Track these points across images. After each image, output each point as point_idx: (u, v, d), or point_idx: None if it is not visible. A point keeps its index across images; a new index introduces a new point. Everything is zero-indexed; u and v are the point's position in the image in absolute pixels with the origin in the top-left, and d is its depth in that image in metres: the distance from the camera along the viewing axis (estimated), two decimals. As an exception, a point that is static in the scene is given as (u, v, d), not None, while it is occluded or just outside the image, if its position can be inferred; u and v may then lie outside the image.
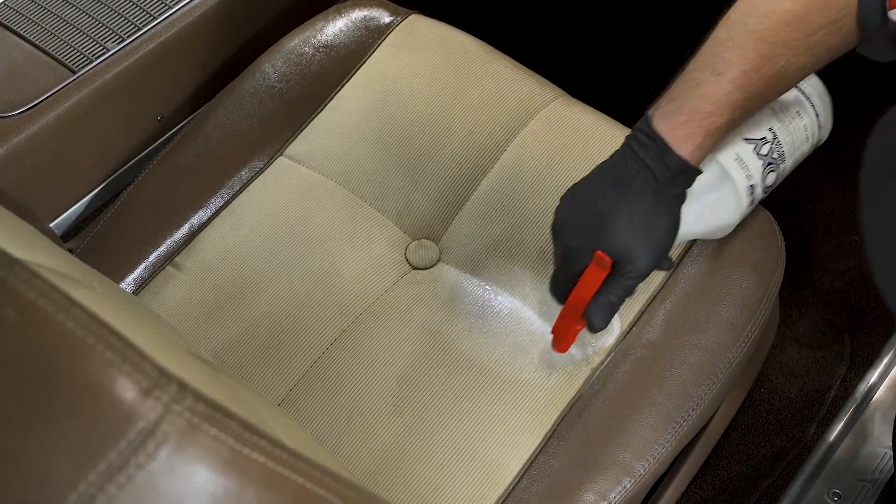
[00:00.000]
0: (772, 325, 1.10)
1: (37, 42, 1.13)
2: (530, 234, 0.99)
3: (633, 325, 0.94)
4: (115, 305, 0.52)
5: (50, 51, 1.12)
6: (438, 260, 1.00)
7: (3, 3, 1.16)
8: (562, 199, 0.82)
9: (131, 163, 1.19)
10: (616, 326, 0.94)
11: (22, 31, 1.13)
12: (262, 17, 1.26)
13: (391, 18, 1.16)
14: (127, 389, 0.37)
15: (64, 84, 1.09)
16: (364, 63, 1.13)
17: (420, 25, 1.15)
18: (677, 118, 0.76)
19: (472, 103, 1.08)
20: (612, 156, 0.80)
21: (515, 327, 0.94)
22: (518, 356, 0.92)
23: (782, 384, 1.31)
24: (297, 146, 1.08)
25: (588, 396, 0.91)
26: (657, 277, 0.96)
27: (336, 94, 1.12)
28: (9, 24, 1.14)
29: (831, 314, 1.38)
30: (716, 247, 0.98)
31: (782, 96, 0.88)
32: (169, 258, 1.03)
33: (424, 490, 0.87)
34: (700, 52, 0.78)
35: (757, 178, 0.86)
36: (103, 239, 1.05)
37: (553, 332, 0.87)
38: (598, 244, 0.78)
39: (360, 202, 1.03)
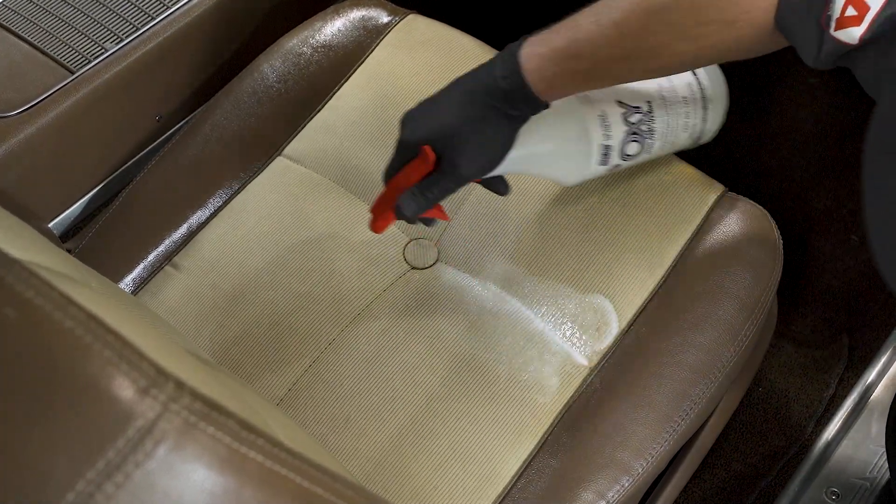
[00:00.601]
0: (770, 324, 1.10)
1: (35, 42, 1.13)
2: (528, 234, 0.99)
3: (631, 325, 0.94)
4: (114, 305, 0.52)
5: (48, 51, 1.12)
6: (437, 259, 1.00)
7: (1, 3, 1.16)
8: (422, 101, 0.86)
9: (130, 163, 1.19)
10: (614, 326, 0.94)
11: (20, 32, 1.13)
12: (260, 18, 1.26)
13: (389, 18, 1.16)
14: (125, 388, 0.38)
15: (62, 84, 1.09)
16: (362, 63, 1.13)
17: (418, 25, 1.16)
18: (540, 49, 0.78)
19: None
20: (480, 65, 0.83)
21: (513, 327, 0.94)
22: (516, 356, 0.92)
23: (780, 383, 1.31)
24: (296, 146, 1.08)
25: (586, 396, 0.91)
26: (655, 276, 0.96)
27: (334, 93, 1.12)
28: (7, 25, 1.14)
29: (829, 313, 1.38)
30: (713, 246, 0.98)
31: (676, 81, 0.90)
32: (167, 258, 1.03)
33: (423, 489, 0.87)
34: (594, 4, 0.78)
35: (615, 142, 0.88)
36: (102, 239, 1.05)
37: (371, 210, 0.88)
38: (428, 139, 0.81)
39: (359, 202, 1.03)
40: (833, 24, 0.65)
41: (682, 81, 0.91)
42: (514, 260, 0.98)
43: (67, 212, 1.15)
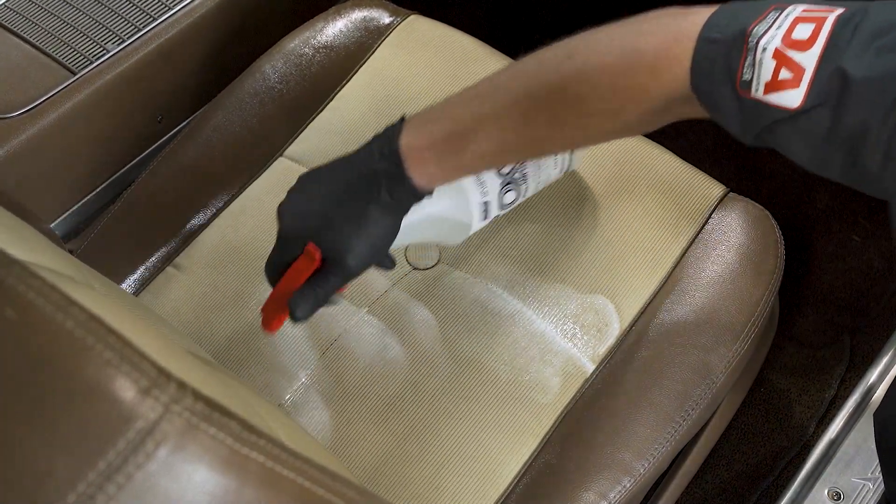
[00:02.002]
0: (771, 324, 1.10)
1: (37, 43, 1.13)
2: (531, 235, 0.99)
3: (633, 326, 0.94)
4: (115, 305, 0.52)
5: (50, 52, 1.12)
6: (438, 260, 1.00)
7: (3, 4, 1.16)
8: (299, 178, 0.83)
9: (131, 163, 1.19)
10: (615, 327, 0.94)
11: (22, 33, 1.14)
12: (261, 19, 1.26)
13: (391, 19, 1.17)
14: (126, 389, 0.38)
15: (64, 85, 1.09)
16: (364, 63, 1.13)
17: (420, 26, 1.16)
18: (420, 142, 0.76)
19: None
20: (358, 150, 0.80)
21: (515, 328, 0.94)
22: (518, 357, 0.92)
23: (782, 383, 1.31)
24: (297, 147, 1.08)
25: (588, 397, 0.91)
26: (657, 277, 0.96)
27: (336, 94, 1.12)
28: (9, 26, 1.14)
29: (831, 313, 1.38)
30: (715, 247, 0.98)
31: None
32: (169, 259, 1.03)
33: (424, 490, 0.87)
34: (476, 85, 0.76)
35: (493, 196, 0.88)
36: (104, 240, 1.05)
37: (261, 310, 0.85)
38: (313, 236, 0.78)
39: (360, 202, 1.03)
40: (761, 88, 0.63)
41: None
42: (515, 261, 0.98)
43: (69, 212, 1.15)
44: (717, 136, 0.95)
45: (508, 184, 0.88)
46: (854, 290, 1.39)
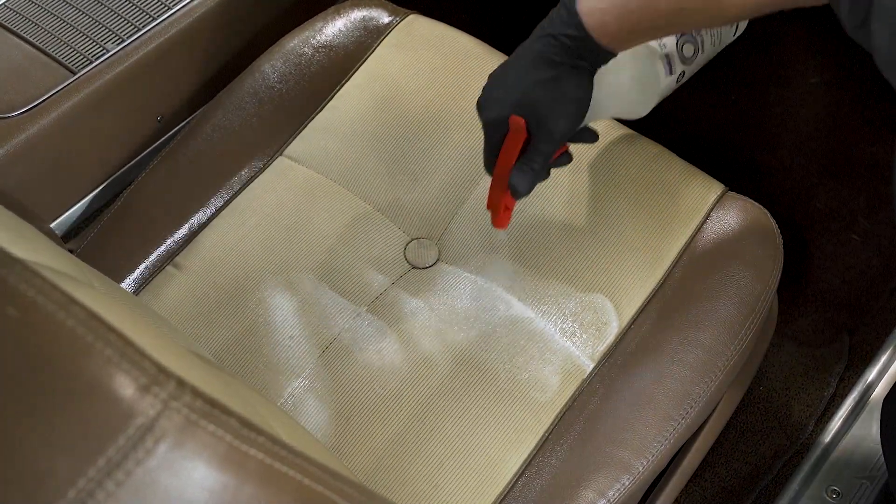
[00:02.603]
0: (770, 322, 1.10)
1: (37, 43, 1.13)
2: (529, 233, 0.99)
3: (632, 324, 0.95)
4: (115, 304, 0.52)
5: (50, 52, 1.12)
6: (438, 259, 1.00)
7: (2, 4, 1.16)
8: (489, 78, 0.86)
9: (131, 163, 1.19)
10: (614, 325, 0.94)
11: (22, 32, 1.14)
12: (261, 18, 1.26)
13: (390, 18, 1.17)
14: (126, 386, 0.38)
15: (64, 85, 1.09)
16: (363, 63, 1.14)
17: (419, 25, 1.16)
18: (600, 4, 0.77)
19: (471, 103, 1.07)
20: (533, 32, 0.83)
21: (514, 326, 0.94)
22: (517, 355, 0.93)
23: (781, 382, 1.31)
24: (297, 146, 1.09)
25: (587, 395, 0.91)
26: (656, 275, 0.96)
27: (335, 94, 1.12)
28: (9, 26, 1.14)
29: (830, 312, 1.38)
30: (714, 245, 0.98)
31: None
32: (169, 258, 1.03)
33: (424, 488, 0.87)
34: None
35: (671, 48, 0.88)
36: (104, 239, 1.05)
37: (488, 206, 0.89)
38: (512, 110, 0.82)
39: (360, 202, 1.03)
40: None
41: None
42: (514, 259, 0.98)
43: (69, 212, 1.15)
44: (717, 135, 0.95)
45: (683, 35, 0.89)
46: (853, 288, 1.40)
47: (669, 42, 0.88)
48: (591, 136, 0.91)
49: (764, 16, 0.77)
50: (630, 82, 0.89)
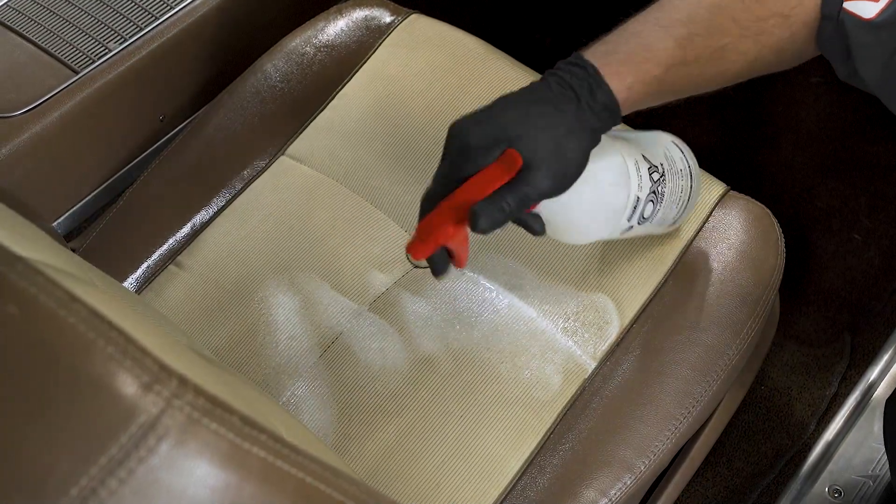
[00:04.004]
0: (772, 322, 1.10)
1: (39, 42, 1.13)
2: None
3: (633, 323, 0.95)
4: (117, 302, 0.52)
5: (52, 51, 1.12)
6: (439, 258, 1.00)
7: (5, 3, 1.17)
8: (465, 115, 0.74)
9: (133, 162, 1.19)
10: (616, 324, 0.94)
11: (24, 32, 1.14)
12: (263, 17, 1.27)
13: (392, 18, 1.17)
14: (128, 384, 0.38)
15: (66, 84, 1.09)
16: (365, 62, 1.14)
17: (421, 25, 1.16)
18: (611, 56, 0.73)
19: (473, 102, 1.08)
20: (529, 84, 0.75)
21: (516, 325, 0.94)
22: (518, 355, 0.93)
23: (783, 381, 1.31)
24: (299, 145, 1.09)
25: (588, 394, 0.91)
26: (658, 275, 0.96)
27: (337, 93, 1.12)
28: (11, 25, 1.14)
29: (832, 312, 1.38)
30: (716, 244, 0.98)
31: (673, 152, 0.88)
32: (171, 257, 1.03)
33: (425, 487, 0.87)
34: (649, 9, 0.75)
35: (644, 195, 0.83)
36: (106, 238, 1.06)
37: (419, 227, 0.73)
38: (510, 143, 0.70)
39: (362, 201, 1.03)
40: None
41: (677, 155, 0.89)
42: (516, 259, 0.98)
43: (71, 211, 1.15)
44: (719, 135, 0.95)
45: (652, 192, 0.84)
46: (855, 288, 1.40)
47: (645, 188, 0.82)
48: (538, 226, 0.77)
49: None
50: (597, 201, 0.80)
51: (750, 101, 1.51)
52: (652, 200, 0.84)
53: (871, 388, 1.20)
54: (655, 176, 0.84)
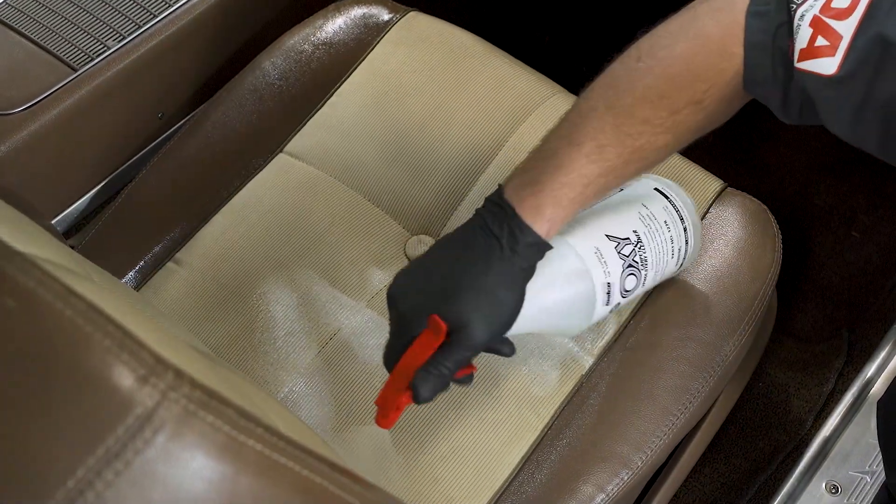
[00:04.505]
0: (769, 319, 1.10)
1: (38, 40, 1.13)
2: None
3: (630, 320, 0.95)
4: (114, 297, 0.53)
5: (51, 49, 1.12)
6: (437, 255, 1.00)
7: (4, 1, 1.17)
8: (402, 269, 0.79)
9: (132, 160, 1.19)
10: (612, 320, 0.95)
11: (23, 29, 1.14)
12: (261, 15, 1.27)
13: (390, 16, 1.17)
14: (124, 377, 0.38)
15: (65, 82, 1.09)
16: (363, 60, 1.14)
17: (419, 22, 1.16)
18: (528, 189, 0.74)
19: (471, 99, 1.08)
20: (460, 227, 0.78)
21: (513, 321, 0.94)
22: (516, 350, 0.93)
23: (780, 378, 1.32)
24: (297, 143, 1.09)
25: (586, 390, 0.92)
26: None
27: (335, 90, 1.12)
28: (10, 23, 1.15)
29: (829, 308, 1.38)
30: (713, 241, 0.98)
31: (653, 207, 0.86)
32: (169, 254, 1.03)
33: (423, 482, 0.87)
34: (561, 122, 0.76)
35: (615, 278, 0.82)
36: (105, 235, 1.06)
37: (377, 403, 0.78)
38: (435, 308, 0.74)
39: (360, 198, 1.04)
40: (796, 56, 0.64)
41: (658, 206, 0.87)
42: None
43: (70, 209, 1.16)
44: (716, 131, 0.95)
45: (630, 266, 0.83)
46: (852, 285, 1.40)
47: (614, 270, 0.82)
48: (508, 349, 0.80)
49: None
50: (563, 304, 0.81)
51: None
52: (632, 273, 0.84)
53: (869, 384, 1.20)
54: (627, 249, 0.83)
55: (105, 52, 1.12)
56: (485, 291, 0.74)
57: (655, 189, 0.88)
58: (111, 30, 1.15)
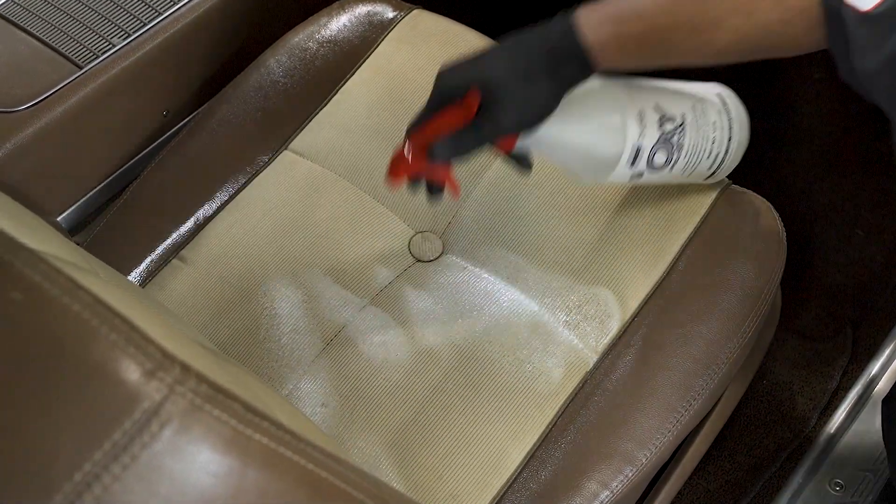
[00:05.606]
0: (773, 316, 1.10)
1: (43, 37, 1.13)
2: (533, 226, 0.99)
3: (635, 316, 0.95)
4: (120, 292, 0.53)
5: (56, 46, 1.12)
6: (442, 252, 1.00)
7: (9, -1, 1.17)
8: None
9: (137, 157, 1.19)
10: (617, 317, 0.95)
11: (28, 27, 1.14)
12: (266, 13, 1.27)
13: (395, 13, 1.17)
14: (131, 371, 0.38)
15: (70, 79, 1.09)
16: (368, 58, 1.14)
17: (423, 20, 1.16)
18: (597, 10, 0.77)
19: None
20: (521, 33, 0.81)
21: (518, 318, 0.94)
22: (520, 348, 0.93)
23: (784, 375, 1.32)
24: (302, 140, 1.09)
25: (590, 386, 0.92)
26: (659, 268, 0.96)
27: (340, 88, 1.12)
28: (15, 20, 1.15)
29: (834, 306, 1.38)
30: (717, 238, 0.98)
31: (709, 105, 0.89)
32: (175, 251, 1.04)
33: (428, 479, 0.87)
34: None
35: (647, 144, 0.85)
36: (110, 233, 1.06)
37: (391, 161, 0.84)
38: (476, 79, 0.78)
39: (365, 195, 1.04)
40: None
41: (713, 109, 0.90)
42: (518, 252, 0.98)
43: (75, 206, 1.16)
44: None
45: (665, 142, 0.86)
46: (856, 282, 1.40)
47: (649, 137, 0.85)
48: (526, 165, 0.86)
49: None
50: (590, 143, 0.85)
51: (752, 95, 1.51)
52: (665, 149, 0.86)
53: (873, 382, 1.20)
54: (669, 126, 0.86)
55: (110, 49, 1.12)
56: (522, 84, 0.77)
57: (718, 94, 0.91)
58: (116, 27, 1.15)
